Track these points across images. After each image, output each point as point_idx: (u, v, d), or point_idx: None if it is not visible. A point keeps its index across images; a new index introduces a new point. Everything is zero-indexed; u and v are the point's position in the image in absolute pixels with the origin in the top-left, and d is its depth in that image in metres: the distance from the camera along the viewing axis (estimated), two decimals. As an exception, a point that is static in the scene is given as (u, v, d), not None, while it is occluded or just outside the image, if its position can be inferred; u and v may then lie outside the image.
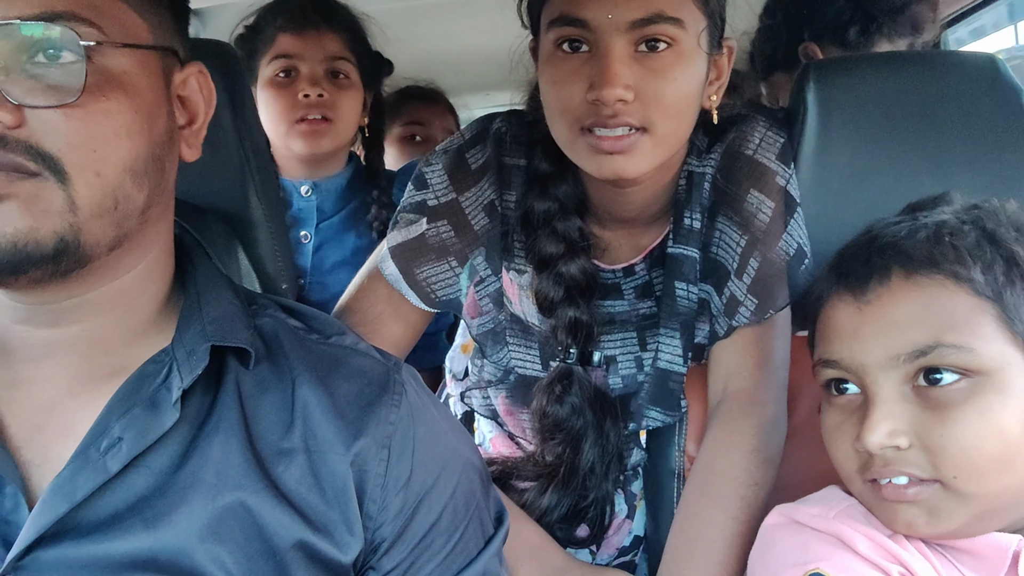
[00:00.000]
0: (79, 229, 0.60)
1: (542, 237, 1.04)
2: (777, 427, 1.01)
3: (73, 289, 0.64)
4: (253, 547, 0.65)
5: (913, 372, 0.71)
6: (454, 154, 1.06)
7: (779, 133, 1.03)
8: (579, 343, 1.05)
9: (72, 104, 0.59)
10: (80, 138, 0.59)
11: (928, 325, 0.70)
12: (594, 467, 1.06)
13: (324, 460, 0.68)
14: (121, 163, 0.62)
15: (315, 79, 1.48)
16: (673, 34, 0.88)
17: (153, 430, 0.64)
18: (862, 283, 0.74)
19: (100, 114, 0.60)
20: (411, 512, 0.71)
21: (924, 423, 0.70)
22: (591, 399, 1.06)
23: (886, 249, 0.74)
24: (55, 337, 0.66)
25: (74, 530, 0.61)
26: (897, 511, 0.71)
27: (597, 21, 0.88)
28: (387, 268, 1.05)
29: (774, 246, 1.01)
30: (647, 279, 1.10)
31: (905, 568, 0.73)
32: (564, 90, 0.92)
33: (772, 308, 1.00)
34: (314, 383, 0.71)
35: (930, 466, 0.69)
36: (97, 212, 0.61)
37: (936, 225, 0.73)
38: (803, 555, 0.75)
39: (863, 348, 0.73)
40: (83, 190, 0.60)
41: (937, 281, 0.71)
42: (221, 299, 0.73)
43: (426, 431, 0.74)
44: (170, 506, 0.64)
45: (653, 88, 0.89)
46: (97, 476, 0.62)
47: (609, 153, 0.91)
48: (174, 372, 0.66)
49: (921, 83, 1.02)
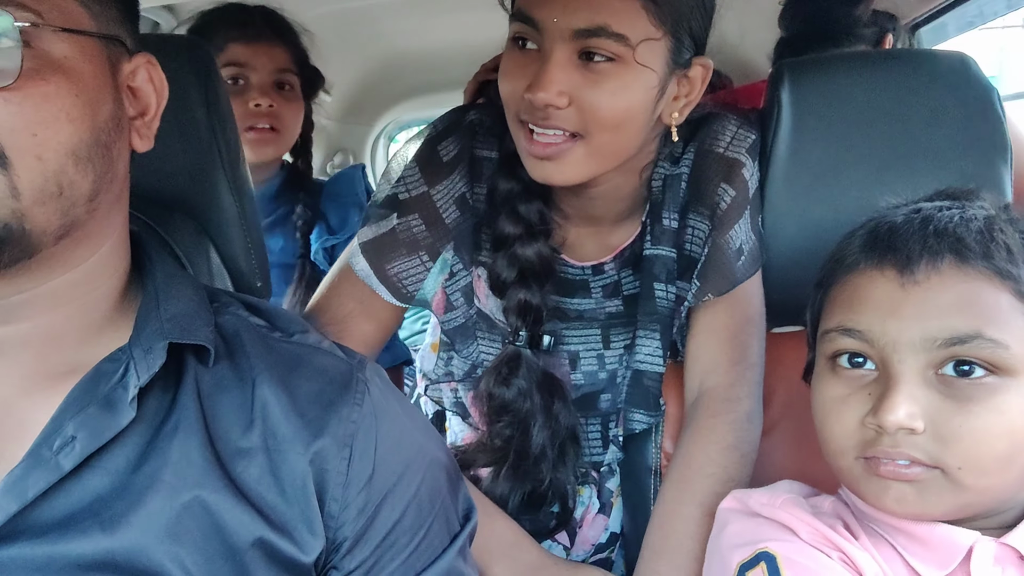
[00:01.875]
0: (23, 215, 0.59)
1: (502, 217, 1.04)
2: (753, 423, 1.02)
3: (21, 283, 0.63)
4: (212, 546, 0.64)
5: (943, 359, 0.70)
6: (425, 147, 1.05)
7: (750, 130, 1.04)
8: (528, 326, 1.05)
9: (9, 87, 0.58)
10: (19, 121, 0.58)
11: (972, 315, 0.69)
12: (545, 451, 1.06)
13: (284, 459, 0.68)
14: (62, 147, 0.61)
15: (264, 89, 1.55)
16: (615, 50, 0.88)
17: (108, 429, 0.63)
18: (912, 262, 0.72)
19: (40, 97, 0.59)
20: (373, 511, 0.70)
21: (942, 411, 0.69)
22: (539, 382, 1.06)
23: (941, 234, 0.72)
24: (7, 334, 0.64)
25: (29, 530, 0.60)
26: (889, 487, 0.71)
27: (545, 23, 0.88)
28: (357, 263, 1.04)
29: (725, 233, 1.02)
30: (616, 279, 1.11)
31: (845, 555, 0.74)
32: (509, 83, 0.93)
33: (711, 292, 1.02)
34: (274, 382, 0.70)
35: (938, 453, 0.69)
36: (40, 198, 0.60)
37: (986, 219, 0.73)
38: (753, 536, 0.77)
39: (899, 326, 0.71)
40: (25, 174, 0.58)
41: (986, 275, 0.70)
42: (180, 296, 0.72)
43: (389, 429, 0.73)
44: (128, 507, 0.63)
45: (590, 98, 0.89)
46: (49, 475, 0.61)
47: (539, 158, 0.93)
48: (131, 370, 0.65)
49: (893, 82, 1.03)
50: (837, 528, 0.77)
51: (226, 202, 0.97)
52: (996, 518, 0.74)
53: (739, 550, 0.77)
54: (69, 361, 0.66)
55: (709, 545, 0.85)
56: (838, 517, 0.80)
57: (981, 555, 0.71)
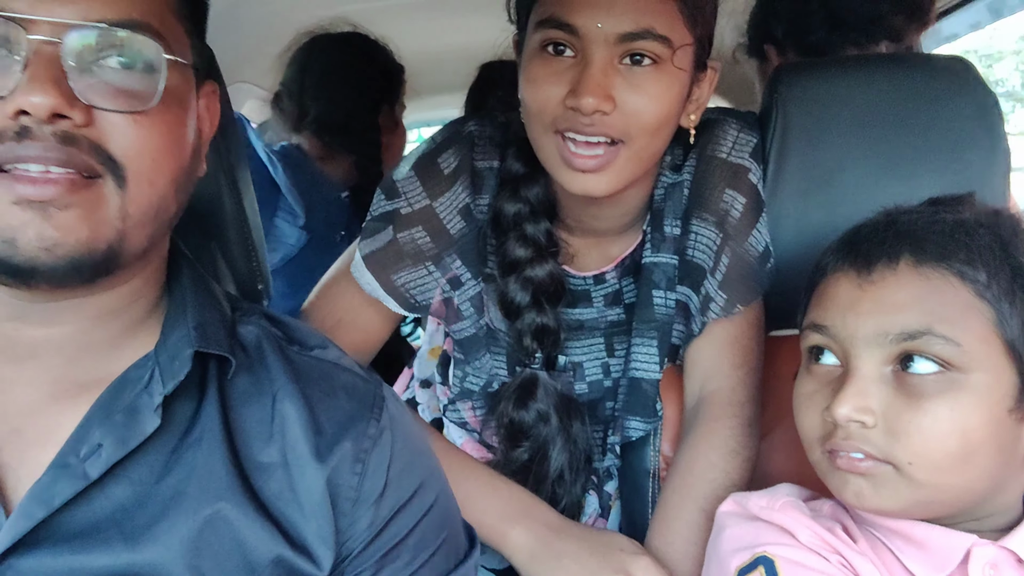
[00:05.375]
0: (124, 236, 0.61)
1: (511, 240, 1.03)
2: (754, 427, 1.02)
3: (80, 291, 0.63)
4: (232, 562, 0.64)
5: (896, 354, 0.72)
6: (426, 159, 1.04)
7: (751, 133, 1.04)
8: (545, 349, 1.05)
9: (143, 112, 0.60)
10: (144, 146, 0.60)
11: (924, 312, 0.71)
12: (563, 474, 1.06)
13: (302, 475, 0.68)
14: (170, 174, 0.63)
15: None
16: (659, 52, 0.88)
17: (134, 437, 0.63)
18: (870, 263, 0.74)
19: (164, 125, 0.62)
20: (382, 526, 0.70)
21: (894, 407, 0.71)
22: (557, 405, 1.05)
23: (901, 235, 0.74)
24: (44, 337, 0.65)
25: (52, 538, 0.60)
26: (848, 480, 0.73)
27: (586, 29, 0.87)
28: (362, 277, 1.03)
29: (744, 241, 1.02)
30: (617, 287, 1.10)
31: (844, 559, 0.75)
32: (543, 91, 0.90)
33: (740, 303, 1.01)
34: (295, 396, 0.70)
35: (888, 448, 0.71)
36: (142, 221, 0.62)
37: (954, 223, 0.74)
38: (752, 540, 0.78)
39: (856, 321, 0.73)
40: (136, 197, 0.61)
41: (943, 275, 0.72)
42: (205, 304, 0.72)
43: (404, 447, 0.73)
44: (150, 519, 0.63)
45: (634, 103, 0.88)
46: (76, 483, 0.61)
47: (581, 171, 0.90)
48: (155, 378, 0.65)
49: (892, 85, 1.03)
50: (836, 532, 0.77)
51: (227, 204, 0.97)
52: (991, 520, 0.75)
53: (738, 554, 0.77)
54: (97, 368, 0.67)
55: (708, 549, 0.85)
56: (837, 520, 0.80)
57: (979, 559, 0.72)
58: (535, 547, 0.97)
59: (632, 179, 0.94)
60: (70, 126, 0.57)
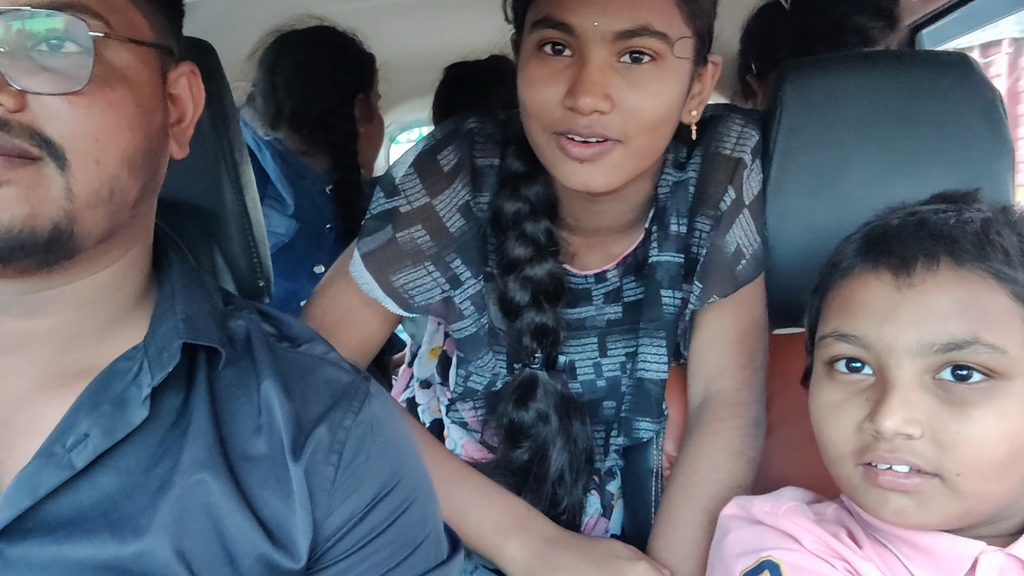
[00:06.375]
0: (73, 218, 0.60)
1: (511, 239, 1.02)
2: (759, 428, 1.02)
3: (55, 280, 0.64)
4: (215, 552, 0.64)
5: (940, 364, 0.69)
6: (425, 156, 1.03)
7: (754, 129, 1.04)
8: (545, 348, 1.04)
9: (77, 93, 0.59)
10: (84, 126, 0.60)
11: (969, 320, 0.68)
12: (563, 475, 1.05)
13: (286, 467, 0.68)
14: (120, 154, 0.62)
15: None
16: (657, 48, 0.87)
17: (121, 427, 0.63)
18: (907, 265, 0.71)
19: (105, 104, 0.61)
20: (359, 518, 0.70)
21: (940, 417, 0.68)
22: (557, 405, 1.05)
23: (935, 235, 0.71)
24: (30, 329, 0.65)
25: (38, 528, 0.61)
26: (888, 498, 0.70)
27: (582, 28, 0.86)
28: (361, 277, 1.02)
29: (724, 234, 1.01)
30: (617, 285, 1.10)
31: (849, 565, 0.74)
32: (541, 92, 0.90)
33: (716, 294, 1.01)
34: (279, 390, 0.70)
35: (936, 459, 0.68)
36: (93, 201, 0.61)
37: (983, 221, 0.72)
38: (756, 544, 0.77)
39: (895, 331, 0.70)
40: (82, 177, 0.60)
41: (982, 277, 0.69)
42: (195, 296, 0.72)
43: (385, 444, 0.73)
44: (137, 509, 0.63)
45: (633, 101, 0.87)
46: (61, 472, 0.61)
47: (579, 161, 0.89)
48: (144, 369, 0.65)
49: (896, 82, 1.03)
50: (841, 537, 0.76)
51: (229, 200, 0.97)
52: (997, 526, 0.73)
53: (742, 558, 0.76)
54: (85, 359, 0.67)
55: (711, 552, 0.84)
56: (842, 525, 0.79)
57: (987, 567, 0.70)
58: (532, 561, 0.97)
59: (632, 176, 0.94)
60: (2, 112, 0.57)
